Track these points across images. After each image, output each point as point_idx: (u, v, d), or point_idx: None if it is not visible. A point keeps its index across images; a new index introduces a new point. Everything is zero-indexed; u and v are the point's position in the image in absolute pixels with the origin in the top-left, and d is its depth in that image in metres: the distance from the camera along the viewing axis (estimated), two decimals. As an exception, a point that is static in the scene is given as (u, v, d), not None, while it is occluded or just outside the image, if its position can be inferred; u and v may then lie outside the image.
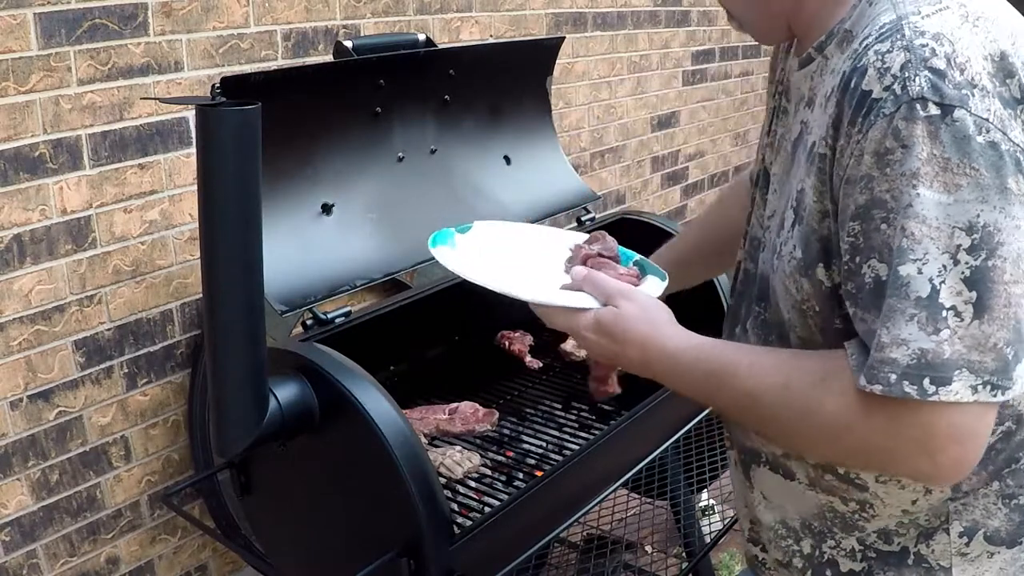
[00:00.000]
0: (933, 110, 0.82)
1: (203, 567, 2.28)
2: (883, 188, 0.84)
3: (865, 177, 0.85)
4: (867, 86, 0.86)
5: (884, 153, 0.84)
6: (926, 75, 0.83)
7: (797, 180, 0.98)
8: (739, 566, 2.71)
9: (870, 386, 0.84)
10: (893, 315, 0.83)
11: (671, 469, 2.07)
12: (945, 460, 0.85)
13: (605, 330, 1.04)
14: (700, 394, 1.03)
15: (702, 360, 1.00)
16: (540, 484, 1.53)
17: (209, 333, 1.25)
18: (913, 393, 0.82)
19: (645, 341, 1.02)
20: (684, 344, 1.02)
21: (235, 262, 1.19)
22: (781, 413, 0.93)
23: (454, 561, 1.36)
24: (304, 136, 1.64)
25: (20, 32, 1.73)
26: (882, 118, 0.84)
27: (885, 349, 0.83)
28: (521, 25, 2.99)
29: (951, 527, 1.00)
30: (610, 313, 1.04)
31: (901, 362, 0.83)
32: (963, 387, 0.82)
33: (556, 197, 2.15)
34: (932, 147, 0.82)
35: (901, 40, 0.86)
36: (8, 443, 1.84)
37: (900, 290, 0.83)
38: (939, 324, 0.82)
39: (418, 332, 1.97)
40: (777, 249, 1.01)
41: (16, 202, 1.78)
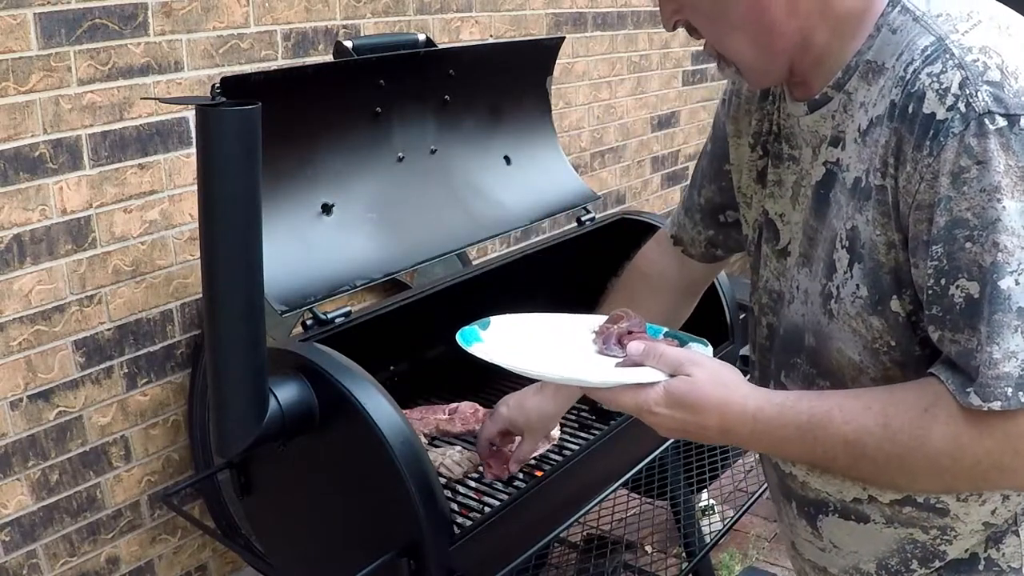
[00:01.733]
0: (1001, 122, 0.82)
1: (203, 567, 2.28)
2: (963, 207, 0.83)
3: (944, 199, 0.84)
4: (928, 109, 0.85)
5: (959, 172, 0.83)
6: (986, 89, 0.83)
7: (842, 220, 0.96)
8: (739, 566, 2.71)
9: (987, 404, 0.83)
10: (1000, 330, 0.82)
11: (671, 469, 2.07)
12: None
13: (679, 401, 0.97)
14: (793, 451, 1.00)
15: (788, 415, 0.95)
16: (540, 484, 1.53)
17: (209, 333, 1.25)
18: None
19: (723, 406, 0.96)
20: (765, 403, 0.97)
21: (235, 262, 1.19)
22: (887, 453, 0.90)
23: (454, 561, 1.36)
24: (304, 136, 1.64)
25: (20, 32, 1.73)
26: (952, 138, 0.83)
27: (998, 365, 0.83)
28: (521, 25, 2.99)
29: (1020, 528, 1.00)
30: (682, 382, 0.97)
31: (1014, 374, 0.82)
32: None
33: (556, 197, 2.15)
34: (1007, 158, 0.82)
35: (952, 59, 0.86)
36: (8, 443, 1.84)
37: (1003, 304, 0.82)
38: None
39: (418, 332, 1.97)
40: (834, 294, 0.98)
41: (16, 202, 1.78)
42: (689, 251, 1.37)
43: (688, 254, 1.37)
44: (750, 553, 2.77)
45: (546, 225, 3.03)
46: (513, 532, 1.49)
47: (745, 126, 1.17)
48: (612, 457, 1.68)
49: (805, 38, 0.97)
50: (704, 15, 0.98)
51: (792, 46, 0.98)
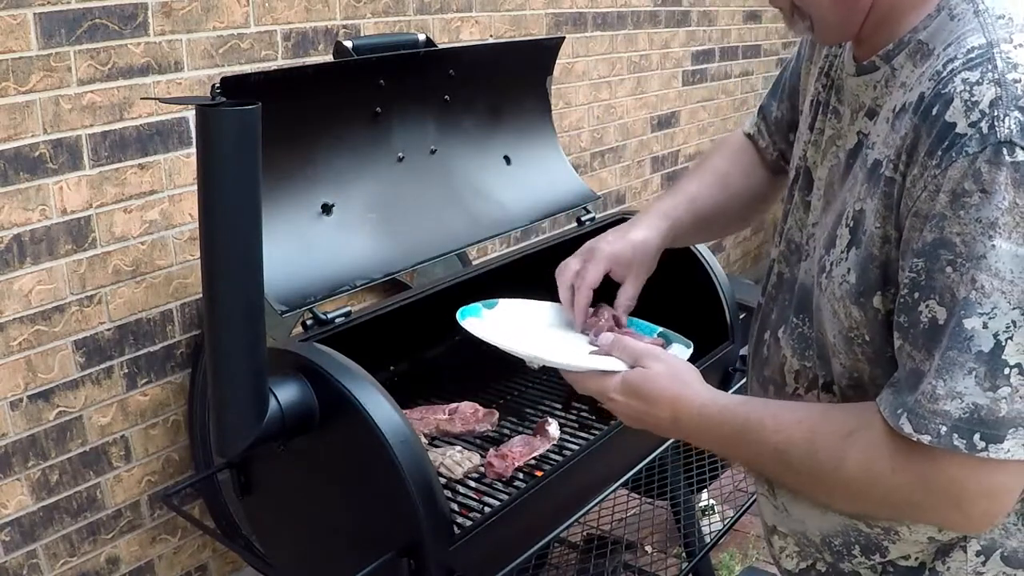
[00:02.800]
0: (1020, 156, 0.77)
1: (203, 567, 2.28)
2: (954, 231, 0.80)
3: (938, 216, 0.81)
4: (951, 118, 0.81)
5: (961, 194, 0.79)
6: (1017, 116, 0.78)
7: (855, 198, 0.94)
8: (739, 566, 2.71)
9: (917, 435, 0.82)
10: (952, 368, 0.80)
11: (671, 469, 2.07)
12: (976, 513, 0.85)
13: (634, 390, 1.04)
14: (729, 451, 1.03)
15: (728, 417, 0.99)
16: (540, 484, 1.53)
17: (209, 333, 1.25)
18: (962, 447, 0.80)
19: (674, 400, 1.02)
20: (710, 401, 1.01)
21: (235, 262, 1.19)
22: (808, 468, 0.92)
23: (454, 561, 1.36)
24: (304, 136, 1.64)
25: (20, 32, 1.73)
26: (964, 157, 0.79)
27: (939, 401, 0.81)
28: (521, 25, 2.99)
29: (968, 545, 0.98)
30: (638, 374, 1.04)
31: (953, 415, 0.80)
32: (1015, 446, 0.79)
33: (556, 197, 2.15)
34: (1015, 196, 0.77)
35: (993, 72, 0.80)
36: (8, 443, 1.84)
37: (963, 343, 0.80)
38: (999, 381, 0.79)
39: (418, 332, 1.97)
40: (827, 269, 0.97)
41: (16, 202, 1.78)
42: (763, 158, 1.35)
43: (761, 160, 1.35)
44: (750, 553, 2.77)
45: (546, 225, 3.03)
46: (513, 532, 1.49)
47: (818, 56, 1.13)
48: (612, 457, 1.68)
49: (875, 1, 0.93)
50: None
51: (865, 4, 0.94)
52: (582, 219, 2.20)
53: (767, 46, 4.66)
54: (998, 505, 0.85)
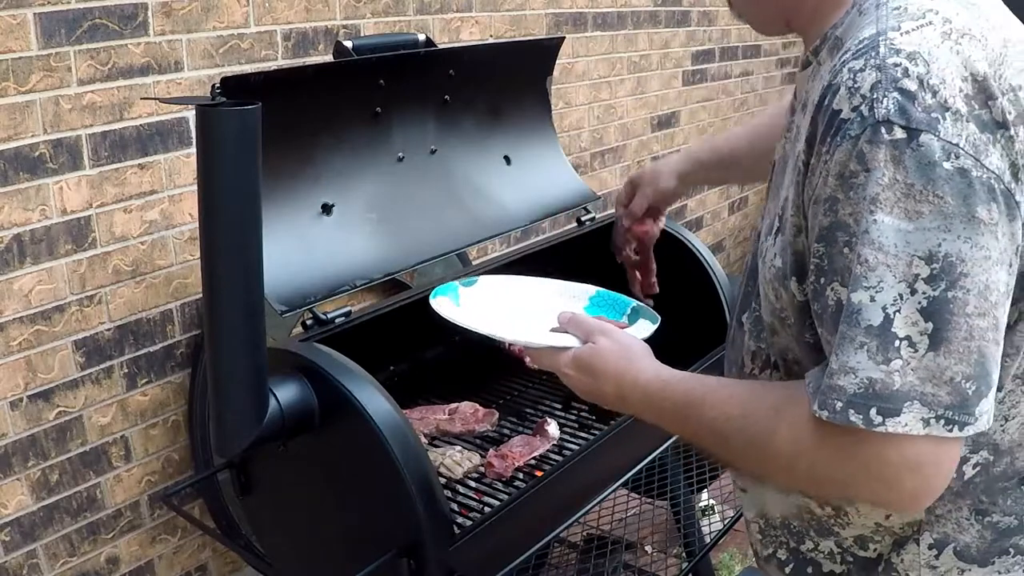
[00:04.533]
0: (899, 134, 0.80)
1: (203, 567, 2.28)
2: (846, 211, 0.83)
3: (830, 199, 0.84)
4: (838, 105, 0.84)
5: (848, 176, 0.82)
6: (895, 97, 0.81)
7: (785, 187, 0.97)
8: (739, 566, 2.71)
9: (819, 411, 0.83)
10: (843, 342, 0.82)
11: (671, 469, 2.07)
12: (903, 490, 0.84)
13: (583, 365, 1.09)
14: (670, 426, 1.05)
15: (669, 392, 1.02)
16: (540, 484, 1.53)
17: (209, 333, 1.25)
18: (858, 422, 0.81)
19: (620, 375, 1.06)
20: (654, 377, 1.04)
21: (235, 262, 1.19)
22: (740, 444, 0.94)
23: (454, 561, 1.36)
24: (304, 136, 1.64)
25: (20, 32, 1.73)
26: (848, 140, 0.82)
27: (834, 376, 0.82)
28: (521, 25, 2.99)
29: (921, 538, 0.98)
30: (587, 349, 1.09)
31: (848, 390, 0.81)
32: (913, 419, 0.80)
33: (556, 197, 2.15)
34: (895, 172, 0.80)
35: (875, 58, 0.83)
36: (8, 443, 1.84)
37: (851, 317, 0.81)
38: (890, 354, 0.80)
39: (418, 332, 1.96)
40: (763, 253, 1.00)
41: (16, 202, 1.78)
42: None
43: None
44: (750, 553, 2.76)
45: (546, 225, 3.03)
46: (513, 532, 1.49)
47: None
48: (612, 457, 1.68)
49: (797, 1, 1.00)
50: None
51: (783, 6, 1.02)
52: (582, 219, 2.20)
53: (767, 46, 4.66)
54: (925, 481, 0.84)
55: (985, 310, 0.80)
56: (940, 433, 0.80)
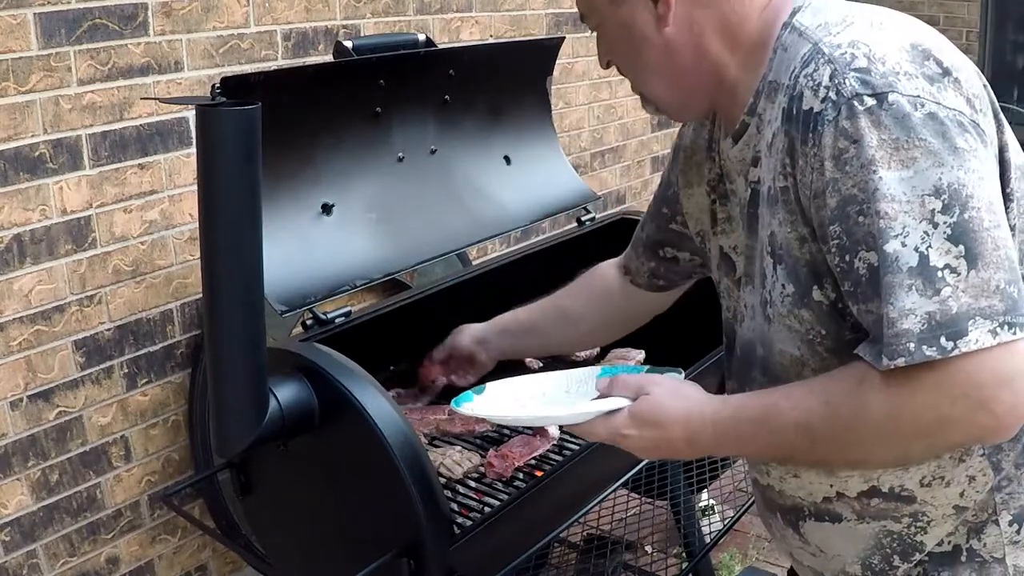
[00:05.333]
0: (869, 101, 0.88)
1: (203, 567, 2.28)
2: (849, 185, 0.89)
3: (830, 182, 0.90)
4: (807, 105, 0.92)
5: (840, 154, 0.89)
6: (853, 75, 0.89)
7: (765, 230, 1.02)
8: (739, 566, 2.71)
9: (892, 362, 0.86)
10: (893, 290, 0.86)
11: (671, 469, 2.07)
12: (1002, 407, 0.86)
13: (643, 419, 1.05)
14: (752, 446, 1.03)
15: (743, 414, 1.01)
16: (540, 484, 1.53)
17: (209, 333, 1.25)
18: (935, 354, 0.84)
19: (686, 416, 1.03)
20: (721, 406, 1.03)
21: (235, 262, 1.19)
22: (834, 430, 0.94)
23: (454, 561, 1.36)
24: (304, 136, 1.64)
25: (20, 32, 1.73)
26: (828, 124, 0.90)
27: (895, 323, 0.86)
28: (521, 25, 2.99)
29: (1000, 517, 1.01)
30: (644, 402, 1.05)
31: (913, 331, 0.85)
32: (982, 333, 0.84)
33: (556, 197, 2.15)
34: (880, 133, 0.87)
35: (822, 57, 0.92)
36: (8, 443, 1.84)
37: (892, 266, 0.86)
38: (938, 284, 0.85)
39: (418, 332, 1.96)
40: (769, 299, 1.03)
41: (16, 202, 1.78)
42: (635, 280, 1.47)
43: (634, 283, 1.47)
44: (750, 553, 2.77)
45: (546, 225, 3.03)
46: (513, 532, 1.49)
47: (697, 177, 1.24)
48: (612, 457, 1.67)
49: (718, 76, 1.06)
50: (625, 59, 1.15)
51: (706, 84, 1.07)
52: (582, 219, 2.21)
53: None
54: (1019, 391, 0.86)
55: (998, 221, 0.87)
56: (1008, 338, 0.84)
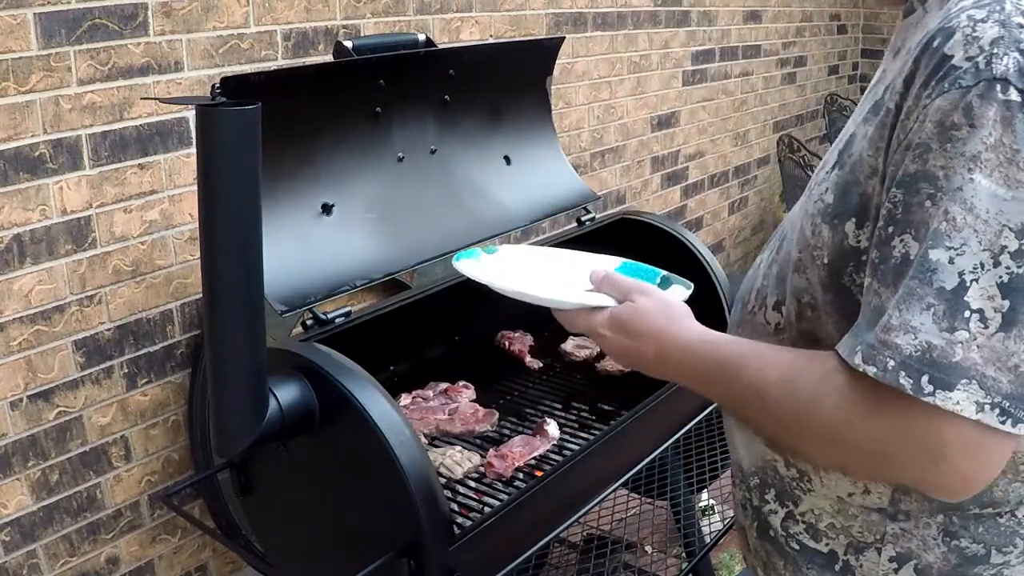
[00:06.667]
0: (1014, 95, 0.76)
1: (203, 567, 2.28)
2: (938, 163, 0.77)
3: (922, 146, 0.79)
4: (950, 50, 0.79)
5: (949, 127, 0.77)
6: (1015, 57, 0.76)
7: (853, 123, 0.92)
8: (739, 566, 2.71)
9: (864, 365, 0.78)
10: (910, 299, 0.76)
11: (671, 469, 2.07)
12: (951, 471, 0.77)
13: (622, 325, 1.01)
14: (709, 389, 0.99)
15: (712, 354, 0.95)
16: (540, 484, 1.53)
17: (209, 333, 1.25)
18: (907, 386, 0.75)
19: (661, 334, 0.98)
20: (697, 338, 0.97)
21: (235, 262, 1.19)
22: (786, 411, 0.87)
23: (454, 561, 1.36)
24: (304, 136, 1.64)
25: (20, 32, 1.73)
26: (957, 88, 0.77)
27: (891, 332, 0.77)
28: (521, 25, 2.99)
29: (884, 548, 0.95)
30: (627, 308, 1.02)
31: (904, 350, 0.76)
32: (967, 400, 0.74)
33: (556, 197, 2.15)
34: (1002, 134, 0.75)
35: (1000, 13, 0.79)
36: (8, 443, 1.84)
37: (925, 275, 0.76)
38: (957, 323, 0.74)
39: (418, 332, 1.97)
40: (811, 188, 0.95)
41: (16, 202, 1.78)
42: None
43: None
44: (750, 553, 2.77)
45: (546, 225, 3.03)
46: (513, 532, 1.49)
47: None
48: (612, 457, 1.68)
49: None
50: None
51: None
52: (582, 219, 2.21)
53: (767, 46, 4.66)
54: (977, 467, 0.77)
55: None
56: (991, 422, 0.74)
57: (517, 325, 2.21)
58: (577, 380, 2.09)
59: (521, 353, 2.13)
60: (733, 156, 4.54)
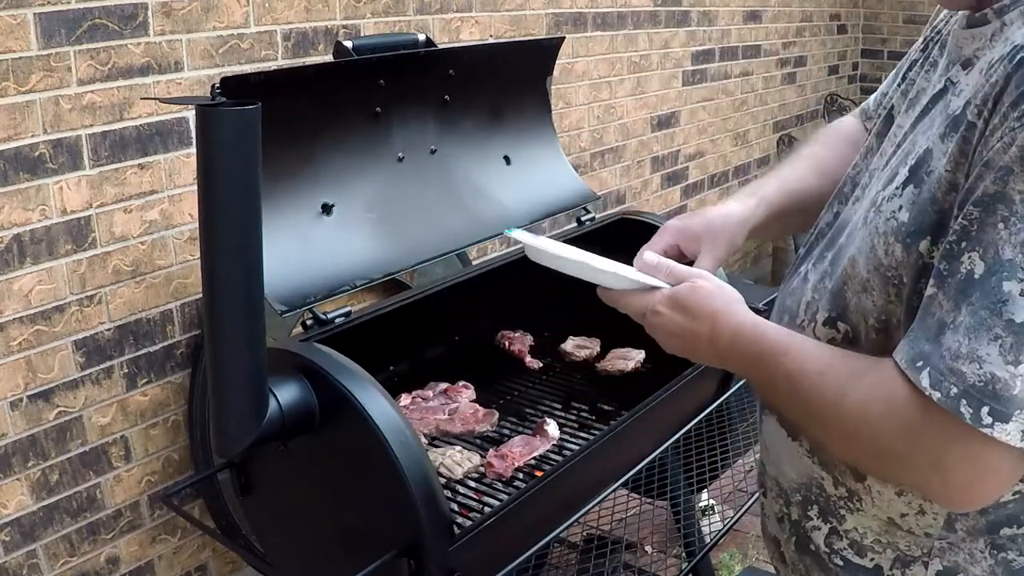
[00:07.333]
0: None
1: (203, 567, 2.28)
2: (1018, 188, 0.77)
3: (1005, 168, 0.78)
4: None
5: None
6: None
7: (926, 138, 0.91)
8: (739, 566, 2.71)
9: (931, 390, 0.79)
10: (980, 329, 0.77)
11: (671, 469, 2.07)
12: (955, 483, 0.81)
13: (680, 303, 1.03)
14: (750, 374, 1.01)
15: (759, 338, 0.97)
16: (540, 484, 1.53)
17: (209, 333, 1.25)
18: (967, 416, 0.77)
19: (716, 316, 1.00)
20: (749, 321, 0.99)
21: (235, 262, 1.19)
22: (812, 398, 0.90)
23: (454, 561, 1.36)
24: (304, 136, 1.64)
25: (20, 32, 1.73)
26: None
27: (959, 360, 0.78)
28: (521, 25, 2.99)
29: (931, 563, 0.96)
30: (687, 287, 1.04)
31: (968, 378, 0.77)
32: (1016, 429, 0.76)
33: (556, 197, 2.15)
34: None
35: None
36: (8, 443, 1.84)
37: (996, 306, 0.77)
38: (1022, 356, 0.76)
39: (418, 332, 1.96)
40: (877, 203, 0.94)
41: (16, 202, 1.78)
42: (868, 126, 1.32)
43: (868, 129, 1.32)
44: (750, 553, 2.77)
45: (546, 225, 3.03)
46: (513, 532, 1.49)
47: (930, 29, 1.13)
48: (612, 457, 1.68)
49: None
50: None
51: None
52: (582, 219, 2.20)
53: (767, 46, 4.66)
54: (982, 483, 0.81)
55: None
56: None
57: (517, 325, 2.21)
58: (577, 380, 2.09)
59: (521, 353, 2.13)
60: (733, 156, 4.54)
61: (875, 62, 5.78)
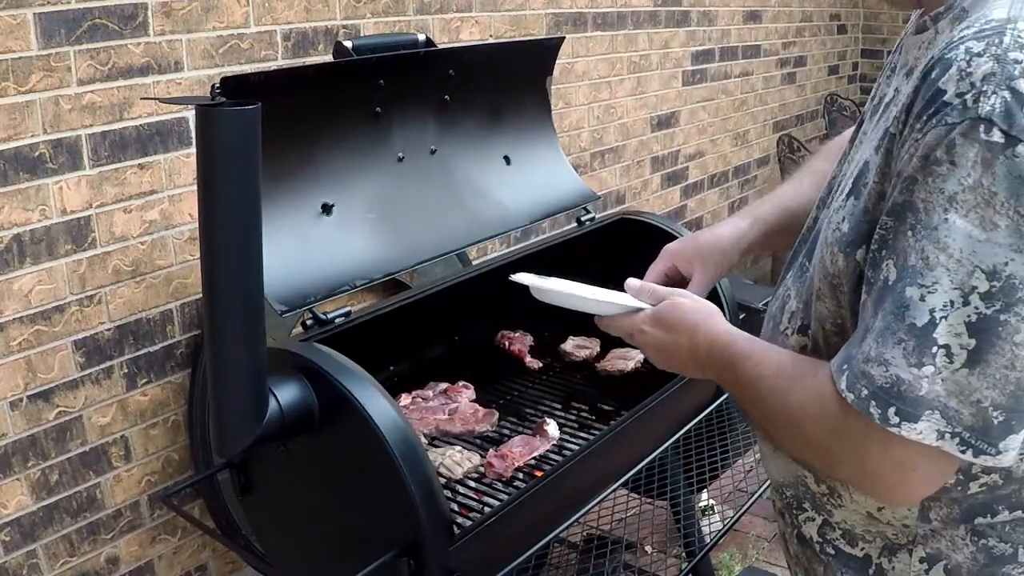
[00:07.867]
0: (996, 136, 0.76)
1: (203, 567, 2.28)
2: (920, 196, 0.79)
3: (910, 178, 0.81)
4: (944, 84, 0.80)
5: (933, 161, 0.79)
6: (1004, 96, 0.76)
7: (868, 150, 0.94)
8: (739, 566, 2.71)
9: (846, 392, 0.84)
10: (885, 333, 0.81)
11: (671, 469, 2.07)
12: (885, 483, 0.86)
13: (662, 320, 1.10)
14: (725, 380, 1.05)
15: (728, 347, 1.02)
16: (540, 484, 1.53)
17: (209, 333, 1.25)
18: (875, 416, 0.81)
19: (695, 328, 1.06)
20: (723, 331, 1.04)
21: (235, 262, 1.19)
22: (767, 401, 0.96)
23: (454, 561, 1.36)
24: (304, 136, 1.64)
25: (20, 32, 1.73)
26: (943, 125, 0.78)
27: (869, 363, 0.82)
28: (521, 25, 2.99)
29: (914, 550, 0.98)
30: (666, 305, 1.11)
31: (876, 381, 0.81)
32: (928, 429, 0.79)
33: (556, 197, 2.15)
34: (981, 175, 0.76)
35: (997, 48, 0.79)
36: (8, 443, 1.84)
37: (899, 311, 0.80)
38: (924, 358, 0.78)
39: (418, 332, 1.97)
40: (830, 215, 0.98)
41: (16, 202, 1.78)
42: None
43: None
44: (750, 553, 2.77)
45: (546, 225, 3.03)
46: (513, 532, 1.49)
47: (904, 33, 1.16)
48: (612, 457, 1.68)
49: None
50: None
51: None
52: (582, 219, 2.20)
53: (767, 46, 4.66)
54: (905, 480, 0.85)
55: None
56: (951, 450, 0.80)
57: (517, 325, 2.21)
58: (577, 380, 2.09)
59: (521, 353, 2.13)
60: (733, 156, 4.54)
61: (875, 62, 5.78)
